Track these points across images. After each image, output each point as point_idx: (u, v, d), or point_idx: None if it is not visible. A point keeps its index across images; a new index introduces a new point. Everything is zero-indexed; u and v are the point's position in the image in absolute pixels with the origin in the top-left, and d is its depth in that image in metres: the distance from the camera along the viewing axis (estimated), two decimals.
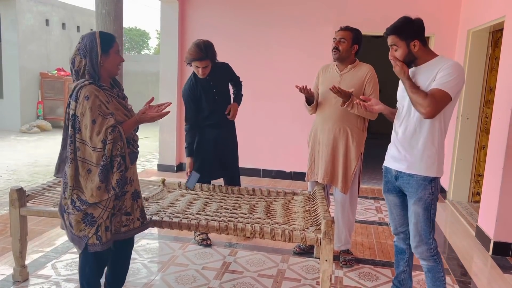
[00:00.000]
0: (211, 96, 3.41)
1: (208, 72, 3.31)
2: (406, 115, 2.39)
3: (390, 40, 2.35)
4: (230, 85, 3.63)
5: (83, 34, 2.22)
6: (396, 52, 2.33)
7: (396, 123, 2.50)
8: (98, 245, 2.17)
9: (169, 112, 2.32)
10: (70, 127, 2.13)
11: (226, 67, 3.54)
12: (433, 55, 2.35)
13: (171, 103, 2.40)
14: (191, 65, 3.31)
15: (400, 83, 2.54)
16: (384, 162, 2.58)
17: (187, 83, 3.45)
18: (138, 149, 2.38)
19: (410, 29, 2.30)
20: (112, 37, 2.26)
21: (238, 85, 3.67)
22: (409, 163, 2.37)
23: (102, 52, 2.16)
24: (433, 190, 2.34)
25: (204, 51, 3.21)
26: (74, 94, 2.13)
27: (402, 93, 2.47)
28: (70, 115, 2.13)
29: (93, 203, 2.14)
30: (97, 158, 2.11)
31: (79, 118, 2.11)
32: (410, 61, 2.35)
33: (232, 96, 3.65)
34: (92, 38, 2.17)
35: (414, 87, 2.26)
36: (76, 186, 2.17)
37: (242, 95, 3.67)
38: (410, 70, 2.43)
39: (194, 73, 3.39)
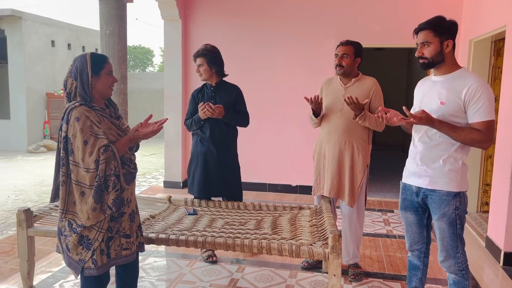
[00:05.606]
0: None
1: (205, 74, 3.43)
2: (426, 128, 2.25)
3: (421, 36, 2.21)
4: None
5: (76, 56, 2.22)
6: (427, 48, 2.19)
7: (415, 136, 2.36)
8: (93, 269, 2.12)
9: (162, 128, 2.27)
10: (62, 149, 2.12)
11: (235, 89, 3.52)
12: (457, 66, 2.25)
13: (167, 119, 2.37)
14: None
15: (417, 92, 2.43)
16: (403, 178, 2.46)
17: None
18: (136, 168, 2.33)
19: (447, 26, 2.19)
20: (104, 58, 2.26)
21: (241, 114, 3.51)
22: (431, 178, 2.26)
23: (92, 73, 2.16)
24: (458, 205, 2.22)
25: (203, 50, 3.40)
26: (65, 116, 2.12)
27: (419, 103, 2.35)
28: (62, 138, 2.12)
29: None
30: (90, 180, 2.08)
31: (71, 140, 2.09)
32: (437, 62, 2.22)
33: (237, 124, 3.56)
34: (83, 60, 2.16)
35: (454, 129, 2.13)
36: (69, 211, 2.13)
37: (239, 120, 3.49)
38: (433, 79, 2.31)
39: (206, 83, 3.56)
